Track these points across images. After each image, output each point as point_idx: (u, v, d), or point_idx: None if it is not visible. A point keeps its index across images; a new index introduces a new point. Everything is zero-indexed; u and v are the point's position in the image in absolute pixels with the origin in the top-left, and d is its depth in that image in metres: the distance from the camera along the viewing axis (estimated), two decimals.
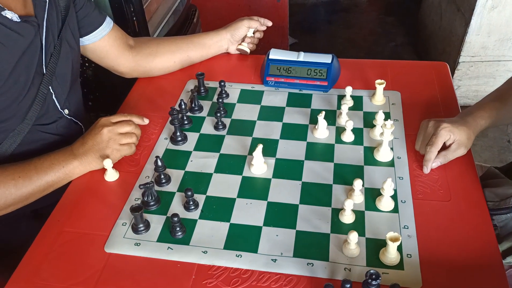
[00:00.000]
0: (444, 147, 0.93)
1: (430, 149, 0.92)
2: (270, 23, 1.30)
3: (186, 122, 1.10)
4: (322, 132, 1.04)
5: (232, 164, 0.99)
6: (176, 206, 0.91)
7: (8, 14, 0.88)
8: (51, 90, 1.01)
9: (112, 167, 0.96)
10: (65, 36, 1.03)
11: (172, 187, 0.95)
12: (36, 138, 1.00)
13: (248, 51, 1.31)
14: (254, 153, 0.94)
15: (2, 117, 0.92)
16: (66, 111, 1.07)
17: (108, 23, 1.15)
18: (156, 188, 0.94)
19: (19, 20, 0.90)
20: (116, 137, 0.97)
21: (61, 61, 1.02)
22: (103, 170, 0.96)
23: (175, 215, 0.82)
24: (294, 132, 1.07)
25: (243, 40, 1.30)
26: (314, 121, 1.08)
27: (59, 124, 1.05)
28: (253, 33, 1.30)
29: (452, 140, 0.92)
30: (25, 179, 0.90)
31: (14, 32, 0.89)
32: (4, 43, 0.88)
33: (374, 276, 0.68)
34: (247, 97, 1.18)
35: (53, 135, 1.04)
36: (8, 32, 0.88)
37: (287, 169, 0.97)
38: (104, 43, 1.15)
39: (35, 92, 0.96)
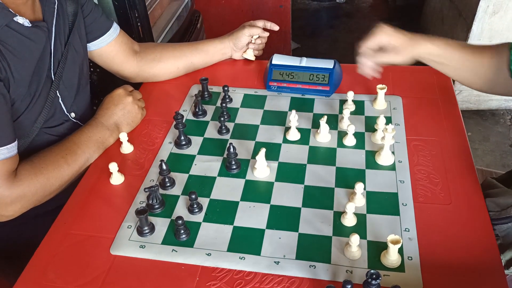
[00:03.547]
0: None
1: (361, 45, 0.91)
2: (276, 28, 1.31)
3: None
4: (324, 136, 1.05)
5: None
6: (181, 209, 0.92)
7: (20, 19, 0.90)
8: (58, 94, 1.03)
9: (118, 171, 0.97)
10: (72, 41, 1.05)
11: (176, 190, 0.96)
12: (43, 140, 1.01)
13: (253, 58, 1.33)
14: (257, 157, 0.95)
15: (16, 123, 0.93)
16: (73, 114, 1.08)
17: (115, 29, 1.16)
18: (161, 191, 0.95)
19: (30, 25, 0.92)
20: (138, 102, 1.12)
21: (68, 66, 1.03)
22: (109, 173, 0.98)
23: (180, 218, 0.83)
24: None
25: (247, 46, 1.31)
26: (316, 125, 1.09)
27: (65, 126, 1.07)
28: (254, 39, 1.29)
29: (390, 44, 0.92)
30: (72, 155, 0.96)
31: (26, 38, 0.91)
32: (19, 51, 0.89)
33: (374, 276, 0.69)
34: (250, 101, 1.20)
35: (59, 137, 1.05)
36: (21, 38, 0.90)
37: (290, 173, 0.98)
38: (110, 49, 1.16)
39: (45, 97, 0.98)
